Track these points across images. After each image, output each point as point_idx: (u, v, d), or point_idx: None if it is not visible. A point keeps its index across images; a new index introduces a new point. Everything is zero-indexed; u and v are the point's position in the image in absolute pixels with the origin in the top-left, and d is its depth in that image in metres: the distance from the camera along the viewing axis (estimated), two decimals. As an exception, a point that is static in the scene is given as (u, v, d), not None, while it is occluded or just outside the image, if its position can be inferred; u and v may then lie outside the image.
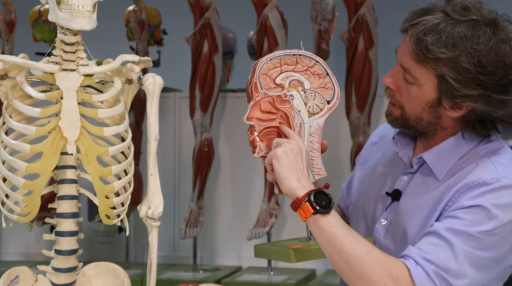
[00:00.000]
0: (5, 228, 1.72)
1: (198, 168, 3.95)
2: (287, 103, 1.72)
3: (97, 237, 4.32)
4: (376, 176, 1.87)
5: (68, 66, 1.61)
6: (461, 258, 1.56)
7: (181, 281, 3.74)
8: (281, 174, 1.63)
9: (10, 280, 1.65)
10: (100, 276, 1.71)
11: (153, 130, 1.68)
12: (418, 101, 1.68)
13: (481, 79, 1.60)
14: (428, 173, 1.73)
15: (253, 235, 3.79)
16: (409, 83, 1.67)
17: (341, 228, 1.59)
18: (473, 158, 1.69)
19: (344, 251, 1.57)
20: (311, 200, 1.59)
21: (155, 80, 1.68)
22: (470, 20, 1.62)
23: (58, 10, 1.55)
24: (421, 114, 1.69)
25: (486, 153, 1.69)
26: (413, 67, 1.65)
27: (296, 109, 1.73)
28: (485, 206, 1.59)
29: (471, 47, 1.59)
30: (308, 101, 1.74)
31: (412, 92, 1.68)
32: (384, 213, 1.78)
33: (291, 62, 1.73)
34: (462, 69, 1.59)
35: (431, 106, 1.67)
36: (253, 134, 1.70)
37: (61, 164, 1.62)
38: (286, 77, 1.73)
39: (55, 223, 1.64)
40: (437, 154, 1.72)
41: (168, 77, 2.35)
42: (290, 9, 4.11)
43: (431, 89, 1.65)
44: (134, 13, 4.01)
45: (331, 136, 4.03)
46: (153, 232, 1.68)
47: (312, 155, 1.74)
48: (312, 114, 1.75)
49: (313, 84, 1.75)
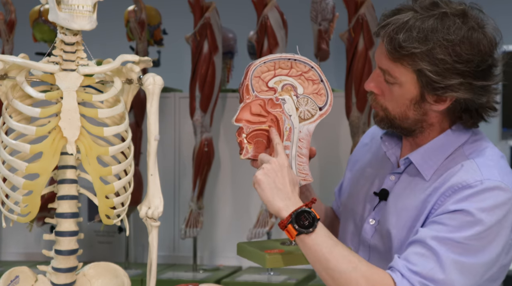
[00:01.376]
0: (5, 228, 1.72)
1: (198, 168, 3.95)
2: (278, 107, 1.72)
3: (97, 237, 4.31)
4: (365, 176, 1.87)
5: (68, 66, 1.61)
6: (448, 267, 1.57)
7: (181, 281, 3.74)
8: (264, 198, 1.65)
9: (10, 280, 1.65)
10: (100, 276, 1.71)
11: (153, 130, 1.68)
12: (402, 100, 1.69)
13: (458, 68, 1.61)
14: (415, 173, 1.73)
15: (253, 235, 3.79)
16: (390, 83, 1.68)
17: (326, 245, 1.61)
18: (459, 157, 1.70)
19: (330, 268, 1.59)
20: (293, 222, 1.61)
21: (155, 80, 1.68)
22: (438, 13, 1.63)
23: (58, 10, 1.55)
24: (407, 113, 1.70)
25: (471, 152, 1.70)
26: (391, 67, 1.67)
27: (287, 113, 1.73)
28: (469, 210, 1.59)
29: (443, 38, 1.61)
30: (300, 106, 1.74)
31: (395, 92, 1.69)
32: (372, 213, 1.79)
33: (286, 66, 1.73)
34: (438, 60, 1.61)
35: (416, 103, 1.68)
36: (241, 136, 1.71)
37: (61, 164, 1.62)
38: (279, 81, 1.72)
39: (55, 223, 1.64)
40: (424, 154, 1.72)
41: (168, 77, 2.35)
42: (290, 9, 4.11)
43: (412, 86, 1.66)
44: (134, 13, 4.01)
45: (331, 136, 4.03)
46: (153, 232, 1.68)
47: (299, 160, 1.74)
48: (303, 120, 1.74)
49: (307, 89, 1.75)
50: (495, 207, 1.61)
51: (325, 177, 3.88)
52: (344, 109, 3.81)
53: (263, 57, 1.72)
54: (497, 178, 1.64)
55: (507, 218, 1.62)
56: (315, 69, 1.75)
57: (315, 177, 2.05)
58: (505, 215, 1.62)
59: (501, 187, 1.63)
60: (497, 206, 1.61)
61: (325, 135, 4.01)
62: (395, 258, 1.62)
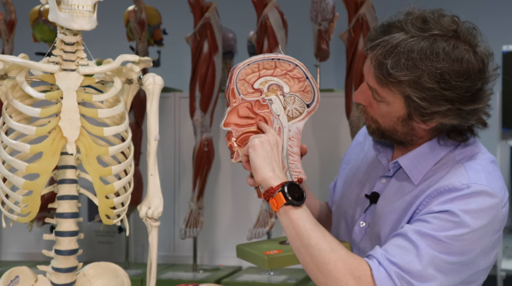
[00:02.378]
0: (5, 228, 1.72)
1: (198, 168, 3.95)
2: (265, 108, 1.72)
3: (97, 237, 4.31)
4: (357, 177, 1.88)
5: (68, 66, 1.61)
6: (426, 261, 1.57)
7: (181, 281, 3.74)
8: (256, 162, 1.63)
9: (10, 280, 1.65)
10: (100, 276, 1.71)
11: (153, 130, 1.68)
12: (390, 117, 1.68)
13: (446, 95, 1.59)
14: (404, 178, 1.73)
15: (253, 235, 3.79)
16: (378, 101, 1.67)
17: (310, 222, 1.60)
18: (448, 163, 1.69)
19: (310, 245, 1.58)
20: (284, 191, 1.59)
21: (155, 80, 1.68)
22: (429, 36, 1.59)
23: (58, 10, 1.55)
24: (395, 127, 1.69)
25: (462, 158, 1.69)
26: (378, 88, 1.65)
27: (275, 113, 1.73)
28: (454, 211, 1.59)
29: (432, 65, 1.57)
30: (287, 105, 1.74)
31: (382, 109, 1.68)
32: (363, 215, 1.79)
33: (270, 66, 1.73)
34: (426, 88, 1.58)
35: (403, 121, 1.67)
36: (231, 140, 1.71)
37: (61, 164, 1.62)
38: (264, 81, 1.73)
39: (55, 223, 1.64)
40: (413, 159, 1.71)
41: (168, 77, 2.35)
42: (290, 9, 4.11)
43: (400, 107, 1.65)
44: (134, 13, 4.01)
45: (331, 136, 4.03)
46: (153, 232, 1.68)
47: (291, 159, 1.74)
48: (291, 118, 1.75)
49: (292, 88, 1.75)
50: (481, 211, 1.60)
51: (325, 177, 3.88)
52: (344, 109, 3.80)
53: (246, 60, 1.72)
54: (484, 182, 1.62)
55: (491, 223, 1.62)
56: (300, 67, 1.75)
57: (315, 176, 2.05)
58: (490, 220, 1.61)
59: (487, 191, 1.62)
60: (482, 210, 1.60)
61: (325, 135, 4.01)
62: (375, 247, 1.62)
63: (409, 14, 1.63)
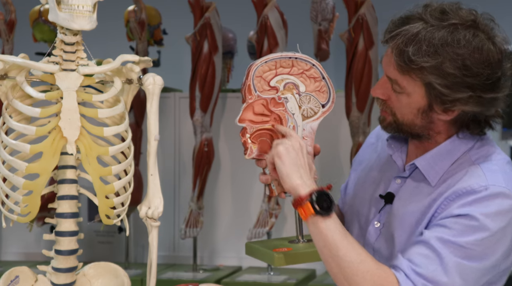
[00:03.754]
0: (5, 228, 1.72)
1: (198, 168, 3.95)
2: (281, 106, 1.72)
3: (97, 237, 4.32)
4: (371, 177, 1.87)
5: (68, 66, 1.61)
6: (450, 269, 1.57)
7: (181, 281, 3.74)
8: (283, 171, 1.63)
9: (10, 280, 1.65)
10: (100, 276, 1.71)
11: (153, 130, 1.68)
12: (409, 109, 1.67)
13: (468, 81, 1.59)
14: (420, 179, 1.72)
15: (253, 235, 3.79)
16: (398, 92, 1.67)
17: (339, 232, 1.59)
18: (465, 163, 1.68)
19: (339, 256, 1.58)
20: (313, 201, 1.59)
21: (155, 80, 1.68)
22: (449, 25, 1.61)
23: (58, 10, 1.55)
24: (414, 121, 1.69)
25: (477, 158, 1.68)
26: (399, 78, 1.65)
27: (290, 112, 1.73)
28: (474, 215, 1.58)
29: (453, 51, 1.58)
30: (302, 104, 1.74)
31: (402, 101, 1.67)
32: (377, 216, 1.78)
33: (287, 65, 1.73)
34: (448, 74, 1.59)
35: (423, 112, 1.66)
36: (245, 136, 1.70)
37: (61, 164, 1.62)
38: (281, 79, 1.72)
39: (55, 223, 1.64)
40: (430, 160, 1.71)
41: (168, 77, 2.35)
42: (290, 9, 4.11)
43: (420, 97, 1.65)
44: (134, 13, 4.01)
45: (331, 137, 4.03)
46: (153, 232, 1.68)
47: None
48: (306, 118, 1.75)
49: (308, 87, 1.75)
50: (499, 213, 1.60)
51: (325, 177, 3.86)
52: (344, 109, 3.81)
53: (263, 57, 1.72)
54: (502, 183, 1.62)
55: (510, 224, 1.62)
56: (317, 67, 1.75)
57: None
58: (508, 222, 1.61)
59: (505, 193, 1.61)
60: (501, 213, 1.60)
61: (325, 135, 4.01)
62: (398, 256, 1.61)
63: (428, 6, 1.65)
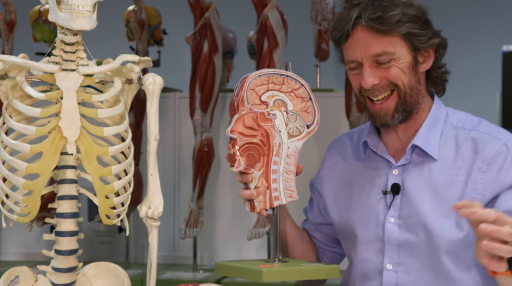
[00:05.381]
0: (5, 228, 1.72)
1: (198, 168, 3.95)
2: (269, 122, 1.74)
3: (97, 237, 4.32)
4: (358, 184, 1.89)
5: (68, 66, 1.61)
6: None
7: (181, 281, 3.74)
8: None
9: (10, 280, 1.64)
10: (100, 276, 1.71)
11: (153, 130, 1.68)
12: (405, 70, 1.77)
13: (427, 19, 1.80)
14: (421, 158, 1.80)
15: (253, 235, 3.79)
16: (389, 62, 1.76)
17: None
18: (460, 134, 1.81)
19: None
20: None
21: (155, 80, 1.67)
22: None
23: (58, 10, 1.55)
24: (411, 82, 1.78)
25: (464, 123, 1.83)
26: (383, 45, 1.75)
27: (277, 129, 1.75)
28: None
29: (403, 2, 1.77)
30: (289, 122, 1.76)
31: (396, 68, 1.77)
32: (390, 211, 1.79)
33: (278, 81, 1.75)
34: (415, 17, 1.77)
35: (413, 69, 1.78)
36: (234, 148, 1.72)
37: (61, 164, 1.62)
38: (271, 95, 1.75)
39: (55, 223, 1.64)
40: (424, 136, 1.80)
41: (168, 77, 2.35)
42: (290, 9, 4.11)
43: (406, 53, 1.77)
44: (134, 13, 4.01)
45: (331, 136, 4.02)
46: (153, 232, 1.68)
47: (287, 177, 1.75)
48: (291, 136, 1.76)
49: (296, 106, 1.77)
50: None
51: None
52: (344, 109, 3.81)
53: (258, 71, 1.75)
54: (507, 134, 1.80)
55: None
56: (305, 87, 1.78)
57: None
58: None
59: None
60: None
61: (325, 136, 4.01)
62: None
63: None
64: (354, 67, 1.81)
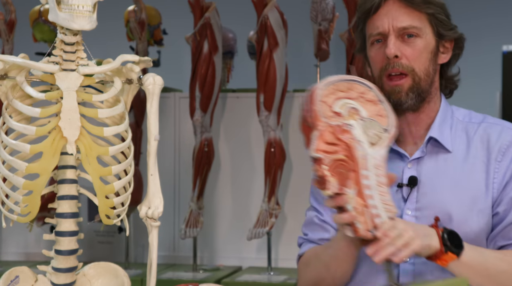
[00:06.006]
0: (5, 228, 1.72)
1: (198, 168, 3.95)
2: (347, 134, 1.57)
3: (97, 237, 4.32)
4: None
5: (68, 66, 1.61)
6: None
7: (181, 281, 3.74)
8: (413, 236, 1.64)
9: (10, 280, 1.64)
10: (100, 276, 1.71)
11: (153, 130, 1.68)
12: (426, 54, 1.80)
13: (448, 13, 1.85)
14: (436, 150, 1.82)
15: (253, 235, 3.79)
16: (414, 37, 1.79)
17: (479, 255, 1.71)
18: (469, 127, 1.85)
19: (492, 275, 1.71)
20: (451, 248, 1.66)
21: (155, 80, 1.67)
22: None
23: (58, 10, 1.55)
24: (428, 69, 1.80)
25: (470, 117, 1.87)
26: (413, 19, 1.79)
27: (357, 139, 1.58)
28: None
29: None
30: (367, 130, 1.60)
31: (419, 45, 1.80)
32: (407, 204, 1.80)
33: (345, 88, 1.62)
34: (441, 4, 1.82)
35: (433, 55, 1.81)
36: (321, 168, 1.55)
37: (61, 164, 1.62)
38: (343, 104, 1.60)
39: (55, 223, 1.64)
40: (439, 129, 1.83)
41: (168, 77, 2.35)
42: (290, 9, 4.11)
43: (430, 35, 1.81)
44: (134, 13, 4.01)
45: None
46: (153, 232, 1.68)
47: (381, 190, 1.58)
48: (373, 145, 1.59)
49: (369, 111, 1.62)
50: None
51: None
52: (344, 109, 3.80)
53: (323, 80, 1.62)
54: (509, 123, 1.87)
55: None
56: (373, 90, 1.65)
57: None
58: None
59: None
60: None
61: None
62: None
63: None
64: (378, 39, 1.81)
